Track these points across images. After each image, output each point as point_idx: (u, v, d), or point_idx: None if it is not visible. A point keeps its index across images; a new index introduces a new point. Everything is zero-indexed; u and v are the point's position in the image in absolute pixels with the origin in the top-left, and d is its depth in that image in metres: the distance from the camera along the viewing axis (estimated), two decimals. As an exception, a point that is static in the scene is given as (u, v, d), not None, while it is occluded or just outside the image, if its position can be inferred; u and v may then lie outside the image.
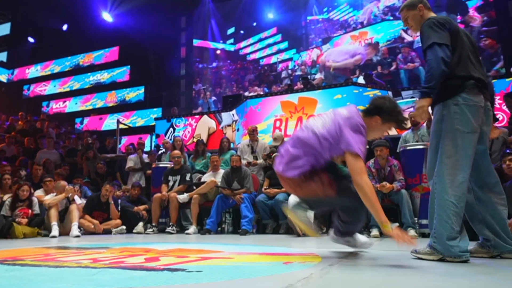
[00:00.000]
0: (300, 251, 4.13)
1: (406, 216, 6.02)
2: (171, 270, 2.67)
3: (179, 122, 12.76)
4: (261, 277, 2.49)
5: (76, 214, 7.06)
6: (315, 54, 18.69)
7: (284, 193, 7.06)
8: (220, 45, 21.37)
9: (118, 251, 4.01)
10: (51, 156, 10.99)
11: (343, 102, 10.12)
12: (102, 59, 22.34)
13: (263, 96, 11.73)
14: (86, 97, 22.12)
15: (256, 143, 8.90)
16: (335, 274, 2.56)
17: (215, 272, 2.66)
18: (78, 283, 2.29)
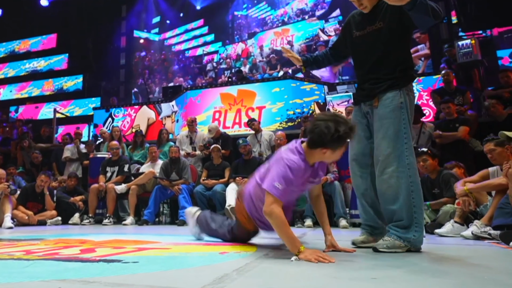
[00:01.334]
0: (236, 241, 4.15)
1: (338, 206, 6.37)
2: (107, 261, 2.64)
3: (118, 112, 12.57)
4: (197, 267, 2.51)
5: (8, 205, 6.84)
6: (240, 48, 19.04)
7: (221, 184, 7.27)
8: (144, 34, 21.09)
9: (53, 242, 3.91)
10: (-17, 145, 10.60)
11: (281, 95, 10.33)
12: (39, 46, 21.57)
13: (203, 87, 11.75)
14: (21, 84, 21.30)
15: (195, 134, 8.99)
16: (269, 263, 2.61)
17: (151, 263, 2.64)
18: (10, 276, 2.21)
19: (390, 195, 3.11)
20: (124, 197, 7.71)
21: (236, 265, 2.49)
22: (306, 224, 6.36)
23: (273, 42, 18.02)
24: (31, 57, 21.59)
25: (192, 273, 2.31)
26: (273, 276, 2.22)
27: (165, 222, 8.00)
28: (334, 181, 6.59)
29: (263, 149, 8.43)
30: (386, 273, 2.30)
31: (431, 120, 8.70)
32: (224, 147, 8.28)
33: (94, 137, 11.97)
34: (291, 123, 10.00)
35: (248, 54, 18.61)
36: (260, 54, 18.24)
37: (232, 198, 6.76)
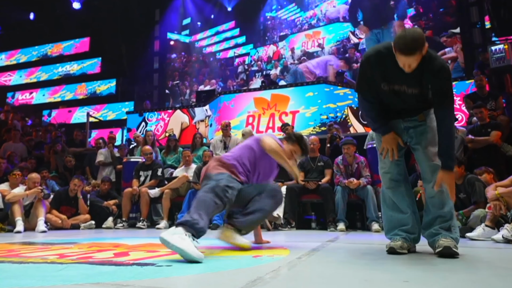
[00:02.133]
0: (269, 244, 4.19)
1: (371, 210, 6.48)
2: (141, 265, 2.66)
3: (151, 117, 12.68)
4: (230, 270, 2.54)
5: (42, 209, 6.95)
6: (271, 51, 19.09)
7: None
8: (174, 36, 21.25)
9: (86, 246, 3.95)
10: (16, 149, 10.79)
11: (315, 100, 10.32)
12: (72, 49, 21.95)
13: (236, 92, 11.86)
14: (54, 88, 21.70)
15: (229, 139, 9.00)
16: (302, 267, 2.65)
17: (185, 267, 2.65)
18: (43, 279, 2.23)
19: (440, 199, 3.23)
20: (158, 201, 7.77)
21: (269, 268, 2.51)
22: (338, 228, 6.45)
23: (304, 45, 18.04)
24: (64, 61, 21.96)
25: (226, 277, 2.33)
26: (306, 279, 2.25)
27: (199, 226, 8.02)
28: (367, 185, 6.68)
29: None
30: (418, 276, 2.34)
31: (463, 125, 8.67)
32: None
33: (128, 141, 12.11)
34: (325, 128, 9.96)
35: (279, 57, 18.66)
36: (292, 56, 18.26)
37: None
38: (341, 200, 6.62)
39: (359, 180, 6.71)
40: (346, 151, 6.94)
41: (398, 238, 3.34)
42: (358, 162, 6.95)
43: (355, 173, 6.92)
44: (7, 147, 10.78)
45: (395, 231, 3.41)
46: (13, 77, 22.70)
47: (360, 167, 6.91)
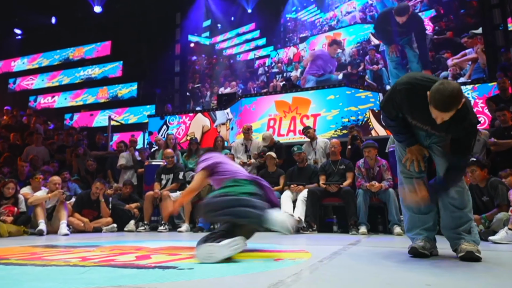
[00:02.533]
0: (291, 248, 4.23)
1: (393, 214, 6.47)
2: (163, 268, 2.68)
3: (173, 120, 12.75)
4: (252, 273, 2.56)
5: (64, 212, 7.03)
6: (291, 52, 19.13)
7: (276, 192, 7.32)
8: (194, 38, 21.33)
9: (108, 249, 3.99)
10: (38, 152, 10.91)
11: (336, 103, 10.33)
12: (93, 53, 22.17)
13: (257, 95, 11.88)
14: (76, 92, 21.94)
15: (250, 142, 9.04)
16: (324, 270, 2.66)
17: (206, 270, 2.68)
18: (66, 282, 2.27)
19: (460, 200, 3.26)
20: (179, 205, 7.80)
21: (291, 271, 2.53)
22: (360, 231, 6.46)
23: (325, 46, 17.98)
24: (85, 65, 22.19)
25: (247, 280, 2.36)
26: (327, 283, 2.26)
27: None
28: (388, 188, 6.68)
29: (318, 156, 8.39)
30: (440, 279, 2.35)
31: (486, 127, 8.56)
32: (278, 156, 8.28)
33: (149, 145, 12.19)
34: (346, 131, 9.94)
35: (299, 58, 18.66)
36: None
37: (287, 206, 6.85)
38: (362, 203, 6.62)
39: (381, 183, 6.71)
40: (367, 154, 6.94)
41: (421, 238, 3.34)
42: (380, 165, 6.95)
43: (377, 176, 6.91)
44: (29, 151, 10.90)
45: (417, 230, 3.40)
46: (35, 81, 23.00)
47: (381, 170, 6.91)
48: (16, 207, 7.00)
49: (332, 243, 4.58)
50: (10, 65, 23.76)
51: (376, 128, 10.12)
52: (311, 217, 6.87)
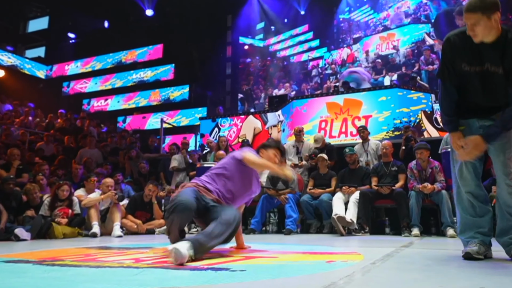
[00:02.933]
0: (343, 250, 4.28)
1: (446, 215, 6.34)
2: (215, 270, 2.70)
3: (224, 122, 12.84)
4: (304, 275, 2.58)
5: (118, 214, 7.15)
6: (345, 53, 19.12)
7: (328, 194, 7.37)
8: (248, 40, 21.43)
9: (161, 251, 4.00)
10: (92, 155, 11.15)
11: (388, 104, 10.25)
12: (145, 56, 22.66)
13: (309, 97, 11.93)
14: (128, 95, 22.47)
15: (301, 144, 9.02)
16: (376, 272, 2.65)
17: (258, 271, 2.71)
18: (120, 283, 2.28)
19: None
20: (232, 207, 7.81)
21: (343, 273, 2.52)
22: (413, 233, 6.36)
23: (379, 47, 18.00)
24: (137, 68, 22.69)
25: (300, 282, 2.36)
26: (380, 285, 2.26)
27: (272, 231, 8.18)
28: (441, 190, 6.54)
29: (370, 158, 8.27)
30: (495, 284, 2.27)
31: None
32: (329, 158, 8.21)
33: (201, 147, 12.29)
34: (398, 132, 9.86)
35: (353, 59, 18.69)
36: (366, 59, 18.25)
37: (339, 207, 6.77)
38: (415, 205, 6.51)
39: (434, 185, 6.61)
40: (420, 156, 6.83)
41: (476, 241, 3.22)
42: (432, 167, 6.84)
43: (429, 178, 6.81)
44: (83, 153, 11.16)
45: (471, 233, 3.29)
46: (89, 84, 23.68)
47: (434, 171, 6.80)
48: (70, 209, 7.14)
49: (384, 245, 4.56)
50: (64, 69, 24.56)
51: (429, 130, 10.00)
52: (363, 219, 6.83)
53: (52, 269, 2.87)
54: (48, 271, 2.79)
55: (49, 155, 11.61)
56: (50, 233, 6.56)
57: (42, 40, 25.77)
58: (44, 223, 6.64)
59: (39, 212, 7.02)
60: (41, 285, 2.30)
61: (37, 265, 3.08)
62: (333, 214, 6.59)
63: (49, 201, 7.14)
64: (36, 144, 12.46)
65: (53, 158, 11.11)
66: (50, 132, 13.79)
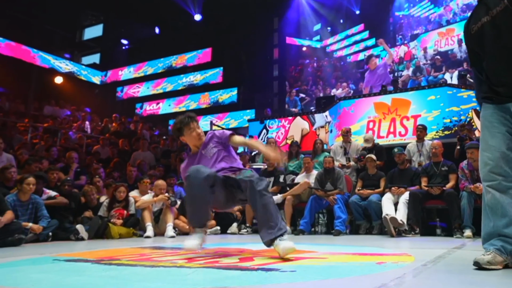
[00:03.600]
0: (393, 251, 4.20)
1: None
2: (265, 270, 2.71)
3: (272, 124, 12.86)
4: (354, 276, 2.55)
5: (171, 215, 7.28)
6: (402, 51, 18.72)
7: (377, 194, 7.27)
8: (306, 42, 21.36)
9: (213, 251, 4.08)
10: (145, 157, 11.38)
11: (437, 103, 10.02)
12: (195, 60, 22.89)
13: (356, 97, 11.78)
14: (179, 98, 22.75)
15: (349, 145, 8.95)
16: (428, 274, 2.60)
17: (308, 272, 2.71)
18: (173, 283, 2.35)
19: None
20: (280, 207, 7.82)
21: (394, 275, 2.48)
22: (465, 235, 6.17)
23: (437, 43, 17.44)
24: (187, 72, 22.96)
25: (350, 283, 2.34)
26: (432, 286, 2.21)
27: (321, 232, 8.08)
28: None
29: (423, 159, 8.12)
30: None
31: None
32: (378, 158, 8.12)
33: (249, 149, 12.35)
34: (448, 132, 9.60)
35: (411, 57, 18.20)
36: (424, 56, 17.68)
37: (389, 208, 6.66)
38: (467, 205, 6.32)
39: None
40: (471, 156, 6.57)
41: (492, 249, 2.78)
42: None
43: None
44: (136, 156, 11.41)
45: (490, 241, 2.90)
46: (141, 89, 24.08)
47: None
48: (126, 210, 7.33)
49: (436, 247, 4.47)
50: (118, 74, 25.05)
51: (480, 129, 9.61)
52: (413, 220, 6.67)
53: (109, 268, 2.98)
54: (105, 270, 2.90)
55: (105, 158, 11.89)
56: (107, 233, 6.75)
57: (97, 47, 26.43)
58: (101, 223, 6.85)
59: (98, 213, 7.25)
60: (99, 283, 2.41)
61: (95, 264, 3.21)
62: (383, 215, 6.53)
63: (107, 202, 7.36)
64: (93, 147, 12.79)
65: (109, 161, 11.37)
66: (106, 136, 14.12)
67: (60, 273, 2.85)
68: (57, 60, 22.70)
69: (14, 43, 20.69)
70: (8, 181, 6.83)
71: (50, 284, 2.40)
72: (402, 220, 6.50)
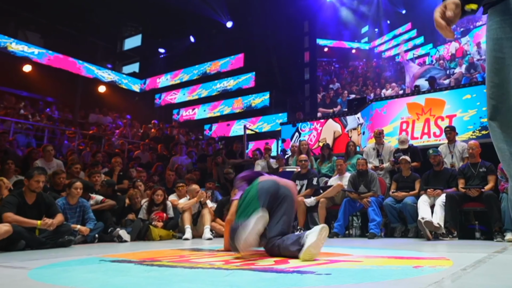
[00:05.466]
0: (430, 255, 4.06)
1: None
2: (301, 273, 2.71)
3: (304, 127, 12.82)
4: (390, 280, 2.48)
5: (208, 218, 7.36)
6: (453, 48, 17.97)
7: (412, 197, 7.02)
8: (355, 44, 21.34)
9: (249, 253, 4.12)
10: (182, 161, 11.53)
11: (473, 102, 9.66)
12: (228, 66, 23.05)
13: (388, 98, 11.57)
14: (213, 104, 22.95)
15: (382, 146, 8.81)
16: (467, 279, 2.48)
17: (344, 275, 2.68)
18: (212, 284, 2.41)
19: None
20: (314, 210, 7.82)
21: (431, 279, 2.40)
22: (506, 238, 5.88)
23: None
24: (221, 77, 23.15)
25: (386, 286, 2.29)
26: None
27: (355, 235, 7.97)
28: None
29: (455, 160, 7.93)
30: None
31: None
32: (413, 159, 7.99)
33: (282, 152, 12.37)
34: (485, 131, 9.21)
35: (463, 53, 17.52)
36: (478, 52, 16.86)
37: (425, 211, 6.44)
38: (507, 208, 5.92)
39: None
40: None
41: None
42: None
43: None
44: (174, 160, 11.57)
45: None
46: (178, 95, 24.39)
47: None
48: (165, 213, 7.47)
49: (475, 250, 4.28)
50: (156, 82, 25.45)
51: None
52: (450, 223, 6.41)
53: (151, 269, 3.05)
54: (148, 270, 2.98)
55: (145, 162, 12.10)
56: (148, 235, 6.91)
57: (136, 56, 26.99)
58: (142, 226, 6.99)
59: (138, 216, 7.40)
60: (143, 283, 2.49)
61: (138, 265, 3.30)
62: (419, 218, 6.29)
63: (146, 206, 7.50)
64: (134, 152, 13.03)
65: (149, 166, 11.57)
66: (146, 141, 14.35)
67: (107, 273, 2.95)
68: (100, 70, 23.33)
69: (62, 55, 21.42)
70: (58, 185, 7.09)
71: (98, 284, 2.50)
72: (439, 223, 6.24)
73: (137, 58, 27.17)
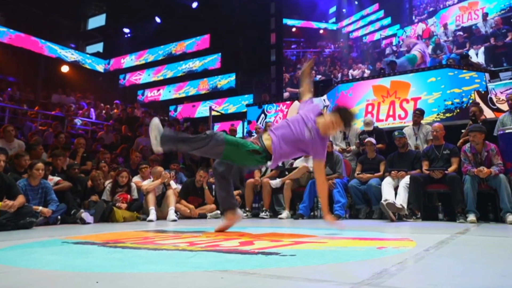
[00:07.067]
0: (394, 236, 4.12)
1: (505, 201, 5.86)
2: (265, 254, 2.71)
3: (270, 108, 12.83)
4: (355, 261, 2.51)
5: (172, 199, 7.32)
6: (420, 29, 17.88)
7: (376, 179, 7.07)
8: (323, 25, 21.22)
9: (213, 235, 4.11)
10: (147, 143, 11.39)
11: (438, 85, 9.79)
12: (193, 47, 22.83)
13: (354, 80, 11.61)
14: (179, 85, 22.74)
15: (348, 129, 8.78)
16: (430, 259, 2.51)
17: (308, 256, 2.68)
18: (176, 265, 2.38)
19: None
20: (279, 192, 7.83)
21: (395, 260, 2.42)
22: (469, 220, 5.94)
23: (459, 19, 16.38)
24: (186, 58, 22.94)
25: (350, 268, 2.30)
26: (435, 272, 2.13)
27: (320, 216, 7.96)
28: (499, 174, 6.05)
29: (420, 142, 8.03)
30: None
31: None
32: (379, 141, 8.05)
33: (248, 133, 12.35)
34: (449, 114, 9.40)
35: (430, 34, 17.38)
36: (444, 33, 16.79)
37: (388, 193, 6.50)
38: (470, 189, 6.07)
39: (490, 168, 6.10)
40: (473, 139, 6.33)
41: None
42: (489, 149, 6.30)
43: (485, 161, 6.30)
44: (139, 142, 11.43)
45: None
46: (143, 76, 24.08)
47: (490, 155, 6.27)
48: (129, 195, 7.38)
49: (438, 232, 4.31)
50: (120, 62, 25.09)
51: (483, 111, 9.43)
52: (414, 204, 6.49)
53: (115, 250, 3.01)
54: (111, 252, 2.94)
55: (109, 143, 11.94)
56: (112, 217, 6.81)
57: (100, 36, 26.49)
58: (106, 207, 6.90)
59: (102, 197, 7.30)
60: (106, 265, 2.44)
61: (101, 246, 3.26)
62: (382, 200, 6.34)
63: (110, 187, 7.40)
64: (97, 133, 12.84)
65: (112, 147, 11.42)
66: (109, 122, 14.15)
67: (69, 255, 2.90)
68: (63, 50, 22.92)
69: (24, 34, 20.94)
70: (20, 167, 6.94)
71: (60, 266, 2.44)
72: (402, 205, 6.32)
73: (101, 38, 26.64)
